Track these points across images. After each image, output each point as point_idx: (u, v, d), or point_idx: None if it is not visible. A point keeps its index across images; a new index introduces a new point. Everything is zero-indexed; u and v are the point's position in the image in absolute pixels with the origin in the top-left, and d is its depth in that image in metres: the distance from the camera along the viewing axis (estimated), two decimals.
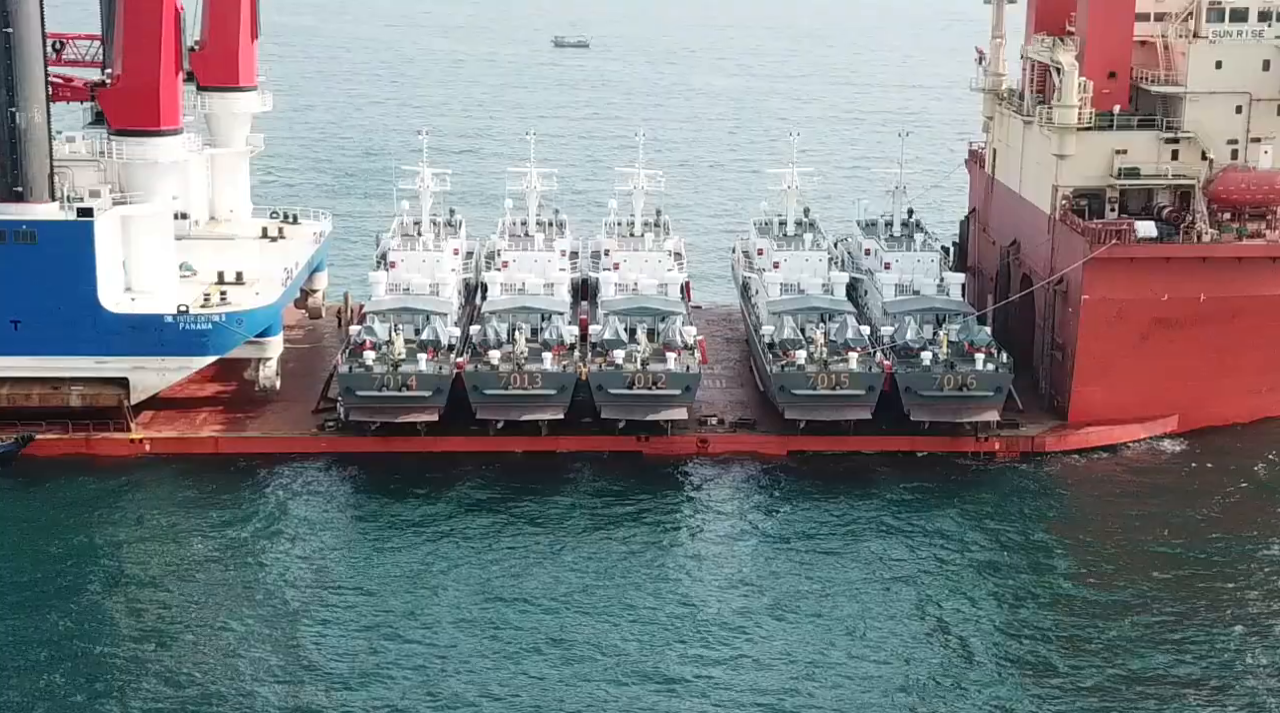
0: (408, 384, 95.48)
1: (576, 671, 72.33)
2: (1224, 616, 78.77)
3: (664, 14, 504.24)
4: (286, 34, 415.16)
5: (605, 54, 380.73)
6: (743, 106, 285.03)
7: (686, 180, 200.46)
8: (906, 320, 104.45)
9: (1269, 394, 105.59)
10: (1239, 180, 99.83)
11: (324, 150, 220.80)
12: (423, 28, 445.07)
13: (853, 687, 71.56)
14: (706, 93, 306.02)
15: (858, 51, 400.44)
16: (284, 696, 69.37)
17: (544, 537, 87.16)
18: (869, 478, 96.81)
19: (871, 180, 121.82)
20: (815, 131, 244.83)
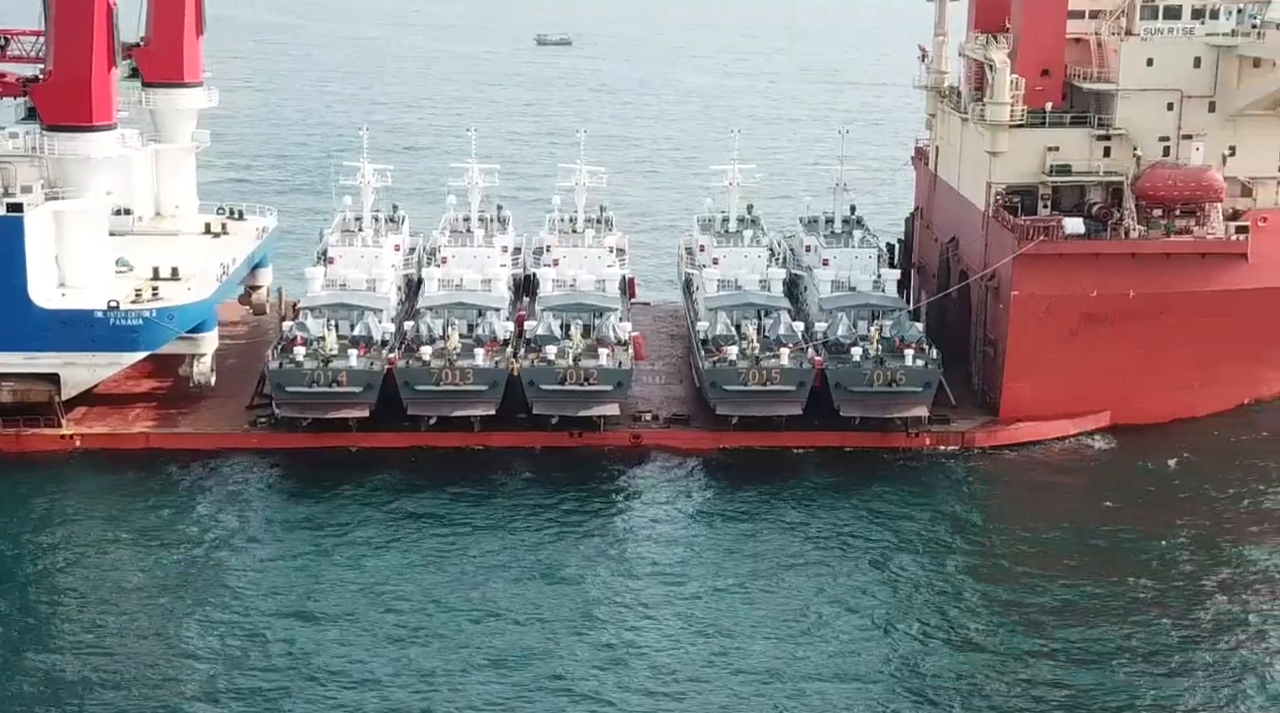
0: (338, 380, 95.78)
1: (505, 660, 72.69)
2: (1132, 608, 79.56)
3: (663, 13, 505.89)
4: (270, 32, 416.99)
5: (587, 52, 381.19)
6: (715, 105, 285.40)
7: (647, 178, 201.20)
8: (839, 316, 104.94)
9: (1201, 390, 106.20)
10: (1166, 177, 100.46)
11: (290, 147, 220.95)
12: (411, 26, 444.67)
13: (779, 678, 71.84)
14: (682, 91, 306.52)
15: (848, 51, 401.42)
16: (208, 691, 69.51)
17: (474, 532, 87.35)
18: (799, 473, 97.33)
19: (823, 178, 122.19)
20: (782, 129, 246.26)
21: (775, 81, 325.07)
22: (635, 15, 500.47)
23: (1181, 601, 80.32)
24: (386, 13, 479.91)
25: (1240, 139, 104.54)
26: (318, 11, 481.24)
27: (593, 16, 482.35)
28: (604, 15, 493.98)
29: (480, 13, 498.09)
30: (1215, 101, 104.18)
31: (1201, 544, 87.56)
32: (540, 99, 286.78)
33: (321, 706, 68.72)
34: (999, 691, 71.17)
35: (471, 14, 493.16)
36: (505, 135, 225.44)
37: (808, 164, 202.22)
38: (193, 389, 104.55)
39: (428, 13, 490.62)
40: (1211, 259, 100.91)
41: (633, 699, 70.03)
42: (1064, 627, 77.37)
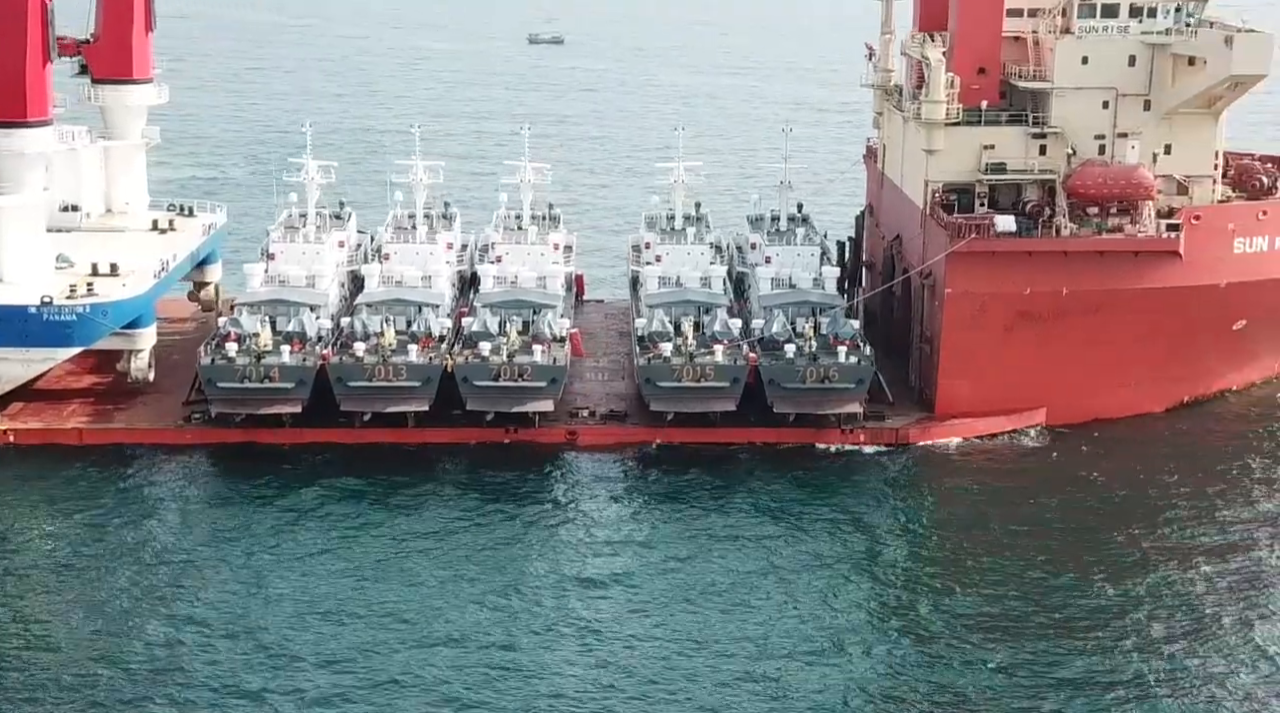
0: (270, 376, 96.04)
1: (434, 658, 72.93)
2: (1057, 605, 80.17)
3: (663, 13, 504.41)
4: (258, 31, 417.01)
5: (578, 51, 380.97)
6: (695, 104, 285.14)
7: (619, 176, 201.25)
8: (775, 313, 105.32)
9: (1139, 388, 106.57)
10: (1096, 175, 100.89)
11: (260, 145, 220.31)
12: (406, 27, 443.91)
13: (712, 675, 72.17)
14: (666, 89, 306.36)
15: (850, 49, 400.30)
16: (129, 687, 69.73)
17: (407, 527, 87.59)
18: (734, 470, 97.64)
19: (774, 175, 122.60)
20: (762, 126, 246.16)
21: (764, 80, 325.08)
22: (633, 15, 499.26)
23: (1109, 599, 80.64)
24: (380, 13, 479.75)
25: (1175, 137, 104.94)
26: (312, 12, 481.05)
27: (591, 16, 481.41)
28: (602, 14, 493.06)
29: (472, 12, 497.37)
30: (1150, 100, 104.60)
31: (1129, 540, 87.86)
32: (518, 97, 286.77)
33: (247, 700, 68.68)
34: (925, 690, 71.45)
35: (465, 13, 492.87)
36: (478, 133, 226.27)
37: (774, 164, 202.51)
38: (131, 385, 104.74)
39: (430, 12, 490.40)
40: (1145, 257, 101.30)
41: (568, 695, 70.08)
42: (988, 626, 77.54)
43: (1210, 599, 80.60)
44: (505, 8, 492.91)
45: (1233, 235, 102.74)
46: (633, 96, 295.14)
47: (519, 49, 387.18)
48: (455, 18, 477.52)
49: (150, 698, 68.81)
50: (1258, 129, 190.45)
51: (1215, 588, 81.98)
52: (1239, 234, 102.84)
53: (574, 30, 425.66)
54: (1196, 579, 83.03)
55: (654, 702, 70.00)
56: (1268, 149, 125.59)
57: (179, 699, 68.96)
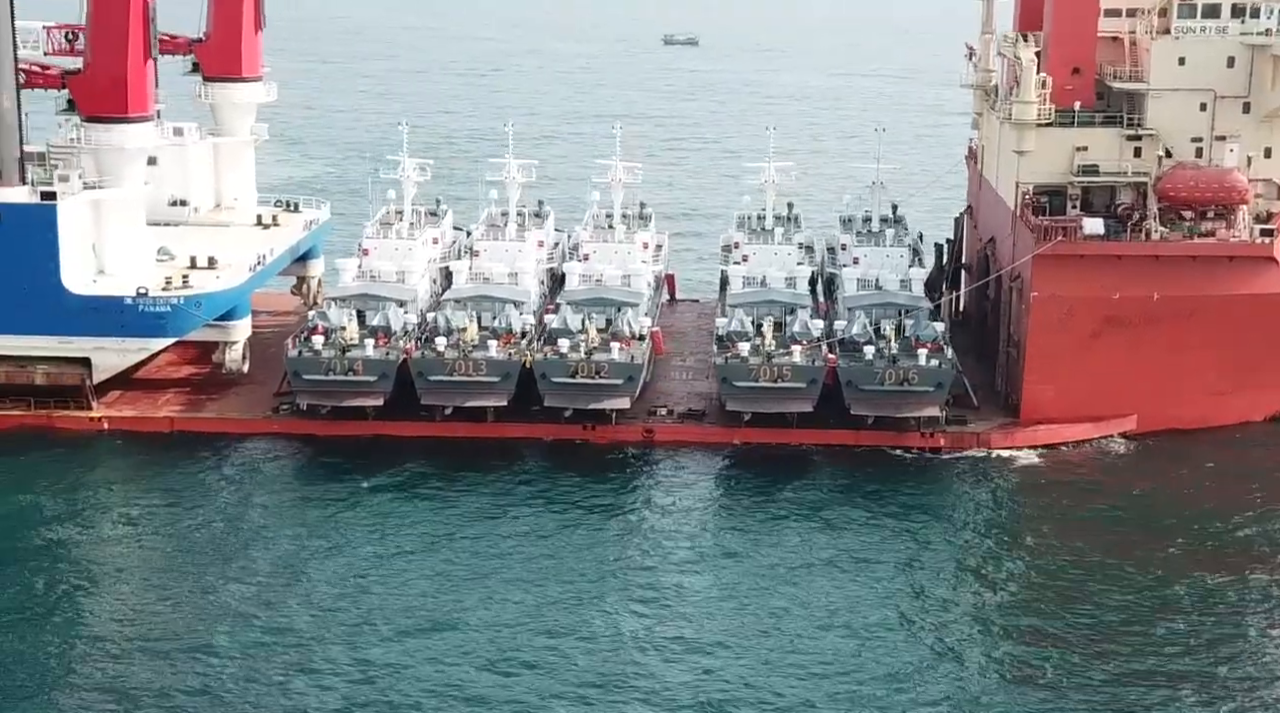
0: (354, 369, 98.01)
1: (523, 657, 73.21)
2: (1138, 617, 78.40)
3: (807, 14, 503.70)
4: (392, 34, 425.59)
5: (711, 53, 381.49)
6: (822, 106, 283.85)
7: (729, 178, 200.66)
8: (857, 314, 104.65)
9: (1233, 397, 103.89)
10: (1187, 178, 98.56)
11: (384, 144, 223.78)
12: (539, 29, 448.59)
13: (802, 674, 71.76)
14: (790, 90, 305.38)
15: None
16: (214, 666, 71.30)
17: (484, 523, 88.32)
18: (811, 472, 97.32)
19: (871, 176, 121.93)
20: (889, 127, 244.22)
21: (892, 83, 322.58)
22: (770, 16, 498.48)
23: (1193, 613, 78.54)
24: (514, 16, 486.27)
25: (1276, 141, 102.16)
26: (446, 15, 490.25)
27: (729, 17, 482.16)
28: (741, 16, 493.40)
29: (611, 14, 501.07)
30: (1250, 102, 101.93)
31: (1210, 558, 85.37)
32: (652, 98, 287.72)
33: (326, 691, 69.54)
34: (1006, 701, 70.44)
35: (604, 15, 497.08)
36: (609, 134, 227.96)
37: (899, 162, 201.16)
38: (225, 376, 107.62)
39: (559, 14, 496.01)
40: (1239, 262, 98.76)
41: (644, 692, 70.01)
42: (1069, 636, 76.18)
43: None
44: (647, 9, 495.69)
45: None
46: (754, 97, 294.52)
47: (654, 50, 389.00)
48: (598, 19, 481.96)
49: (233, 687, 69.91)
50: None
51: None
52: None
53: (709, 32, 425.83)
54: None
55: (733, 706, 69.49)
56: None
57: (259, 682, 70.15)
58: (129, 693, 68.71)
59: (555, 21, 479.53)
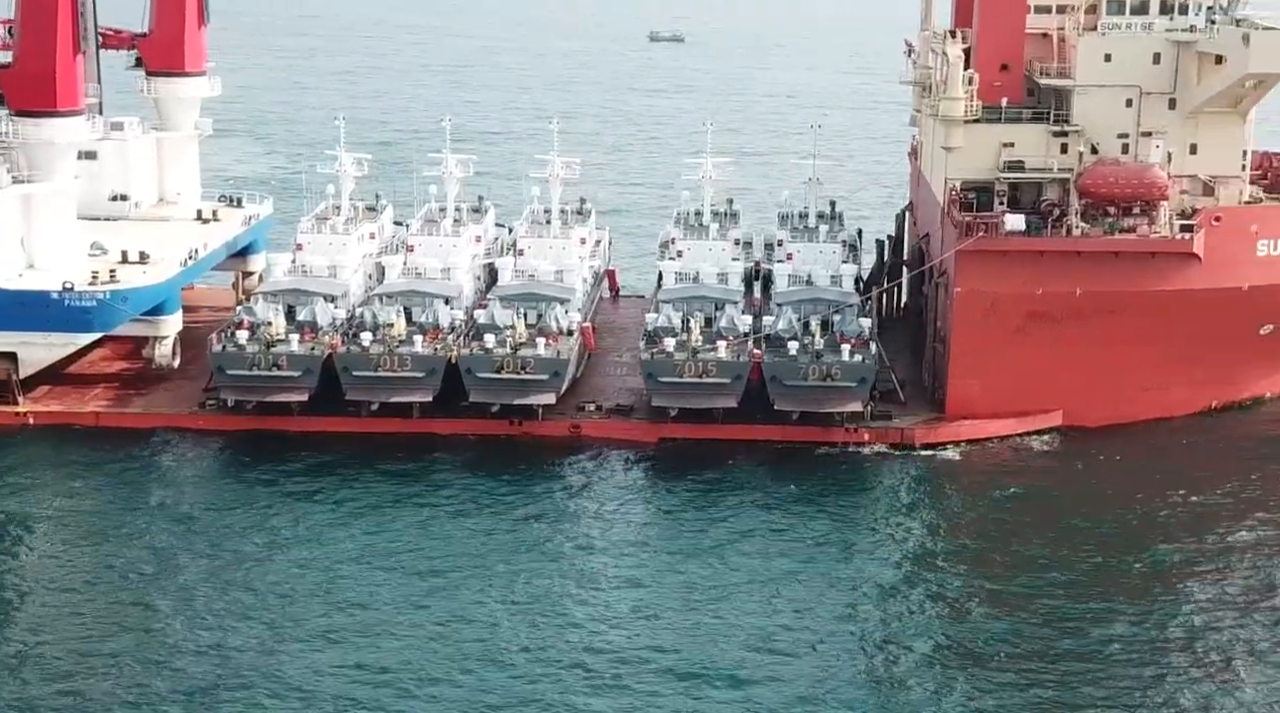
0: (278, 364, 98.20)
1: (432, 647, 73.38)
2: (1052, 611, 78.57)
3: (811, 12, 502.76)
4: (380, 29, 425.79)
5: (696, 50, 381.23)
6: (800, 104, 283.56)
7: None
8: (784, 310, 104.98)
9: (1162, 393, 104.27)
10: (1107, 174, 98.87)
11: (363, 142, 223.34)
12: (540, 28, 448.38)
13: (728, 670, 71.68)
14: (768, 86, 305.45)
15: None
16: (131, 665, 71.13)
17: (405, 518, 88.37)
18: (735, 467, 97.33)
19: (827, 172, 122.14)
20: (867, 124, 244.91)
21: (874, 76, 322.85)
22: (776, 15, 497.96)
23: (1100, 607, 78.65)
24: (518, 15, 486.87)
25: (1201, 137, 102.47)
26: (447, 14, 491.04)
27: (718, 14, 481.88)
28: (730, 13, 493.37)
29: (599, 12, 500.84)
30: (1175, 98, 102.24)
31: (1133, 551, 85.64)
32: (626, 96, 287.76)
33: (244, 690, 69.24)
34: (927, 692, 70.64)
35: (593, 13, 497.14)
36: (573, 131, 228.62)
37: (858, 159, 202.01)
38: (156, 371, 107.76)
39: (557, 13, 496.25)
40: (1162, 258, 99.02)
41: (567, 690, 69.83)
42: (987, 628, 76.35)
43: (1223, 616, 77.58)
44: (653, 8, 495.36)
45: (1256, 237, 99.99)
46: (731, 94, 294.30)
47: (639, 47, 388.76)
48: (586, 15, 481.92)
49: (148, 679, 69.83)
50: None
51: (1227, 603, 79.00)
52: (1262, 236, 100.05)
53: (697, 28, 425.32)
54: (1207, 593, 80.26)
55: (645, 696, 69.59)
56: None
57: (177, 676, 70.03)
58: (35, 702, 68.23)
59: (560, 20, 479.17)
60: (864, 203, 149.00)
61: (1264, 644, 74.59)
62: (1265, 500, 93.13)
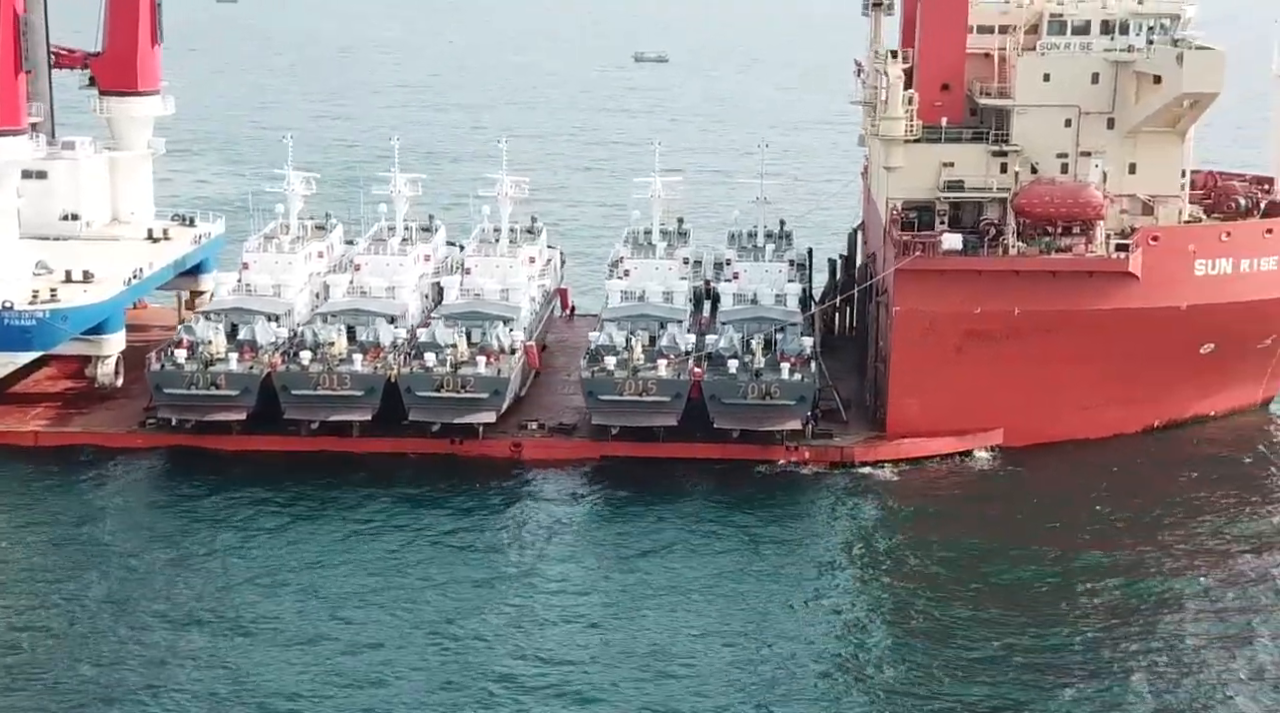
0: (216, 383, 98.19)
1: (370, 664, 73.46)
2: (993, 629, 78.58)
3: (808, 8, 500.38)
4: (365, 49, 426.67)
5: (679, 70, 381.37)
6: (778, 120, 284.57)
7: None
8: (726, 329, 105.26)
9: (1103, 411, 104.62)
10: (1042, 193, 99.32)
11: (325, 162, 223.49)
12: (543, 47, 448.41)
13: (668, 689, 71.84)
14: (749, 105, 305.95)
15: None
16: (63, 681, 71.10)
17: (339, 540, 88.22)
18: (677, 485, 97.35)
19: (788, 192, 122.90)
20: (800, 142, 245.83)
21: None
22: (744, 34, 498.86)
23: (1040, 624, 78.94)
24: (525, 36, 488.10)
25: (1140, 157, 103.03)
26: (433, 29, 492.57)
27: (702, 34, 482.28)
28: (715, 34, 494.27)
29: (586, 32, 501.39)
30: (1114, 118, 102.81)
31: (1058, 562, 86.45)
32: (604, 118, 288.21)
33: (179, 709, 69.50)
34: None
35: (582, 32, 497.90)
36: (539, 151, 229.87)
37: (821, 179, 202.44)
38: (98, 390, 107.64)
39: (545, 29, 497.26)
40: (1100, 278, 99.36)
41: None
42: (925, 646, 76.71)
43: (1163, 631, 78.39)
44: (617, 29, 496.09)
45: (1194, 257, 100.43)
46: (709, 113, 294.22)
47: (623, 67, 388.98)
48: (575, 36, 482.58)
49: (82, 690, 70.01)
50: None
51: (1167, 618, 79.87)
52: (1200, 256, 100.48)
53: (681, 49, 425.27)
54: (1145, 609, 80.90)
55: None
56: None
57: (112, 690, 70.06)
58: None
59: (548, 39, 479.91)
60: (820, 222, 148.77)
61: (1201, 655, 75.62)
62: (1204, 518, 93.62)
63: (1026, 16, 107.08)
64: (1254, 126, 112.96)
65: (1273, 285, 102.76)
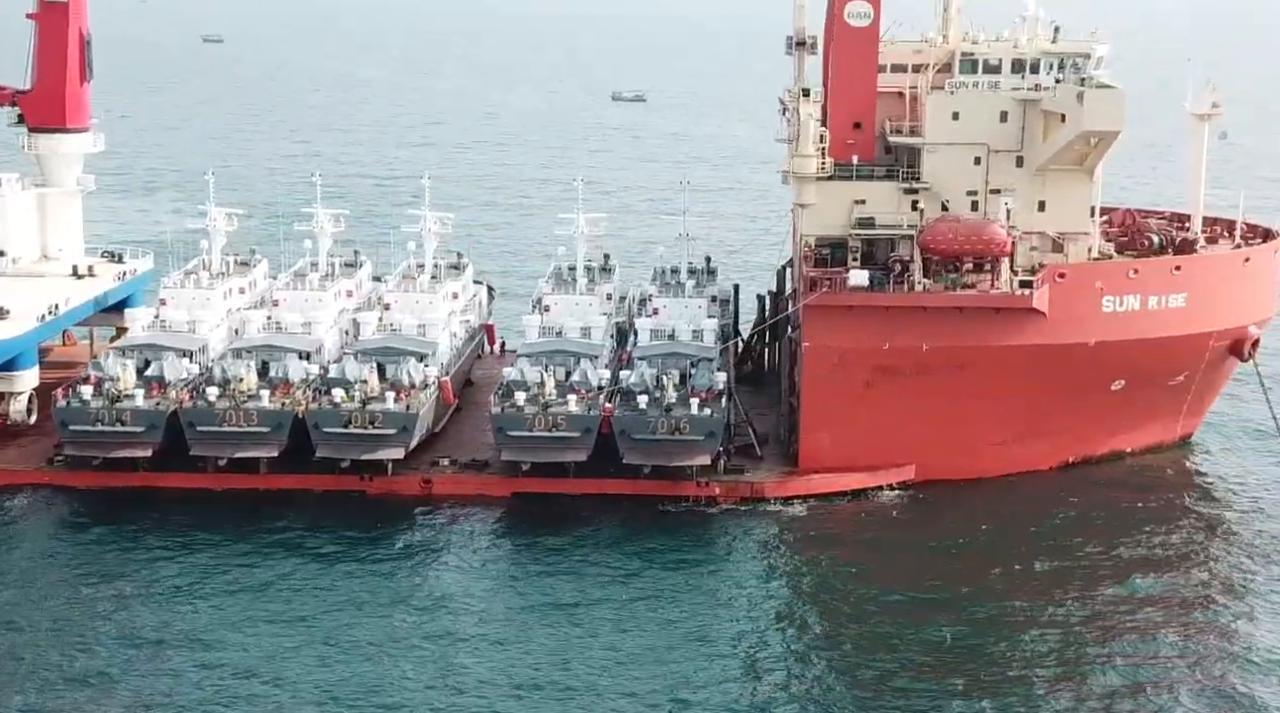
0: (122, 419, 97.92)
1: (270, 702, 73.39)
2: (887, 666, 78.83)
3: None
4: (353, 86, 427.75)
5: (656, 109, 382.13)
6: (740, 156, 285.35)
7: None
8: (639, 364, 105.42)
9: (1016, 447, 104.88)
10: (946, 230, 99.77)
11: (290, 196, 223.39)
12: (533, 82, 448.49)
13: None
14: (722, 143, 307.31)
15: None
16: None
17: (246, 577, 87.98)
18: (586, 521, 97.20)
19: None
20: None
21: None
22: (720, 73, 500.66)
23: (943, 668, 78.90)
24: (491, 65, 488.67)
25: (1049, 194, 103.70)
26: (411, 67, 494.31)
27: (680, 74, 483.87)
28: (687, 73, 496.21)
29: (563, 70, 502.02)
30: (1023, 156, 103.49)
31: (961, 600, 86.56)
32: (567, 154, 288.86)
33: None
34: None
35: (556, 70, 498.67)
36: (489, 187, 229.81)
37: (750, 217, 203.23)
38: (10, 426, 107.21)
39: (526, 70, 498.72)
40: (1007, 314, 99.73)
41: None
42: (822, 681, 77.30)
43: (1067, 669, 78.55)
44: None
45: (1101, 293, 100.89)
46: (680, 153, 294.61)
47: (603, 106, 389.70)
48: (558, 74, 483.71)
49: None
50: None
51: (1075, 654, 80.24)
52: (1108, 292, 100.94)
53: (659, 88, 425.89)
54: (1048, 646, 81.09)
55: None
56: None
57: None
58: None
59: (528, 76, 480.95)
60: (762, 259, 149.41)
61: (1103, 686, 76.41)
62: (1113, 553, 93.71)
63: (940, 55, 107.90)
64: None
65: (1182, 322, 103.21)
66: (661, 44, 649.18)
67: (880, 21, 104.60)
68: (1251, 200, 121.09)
